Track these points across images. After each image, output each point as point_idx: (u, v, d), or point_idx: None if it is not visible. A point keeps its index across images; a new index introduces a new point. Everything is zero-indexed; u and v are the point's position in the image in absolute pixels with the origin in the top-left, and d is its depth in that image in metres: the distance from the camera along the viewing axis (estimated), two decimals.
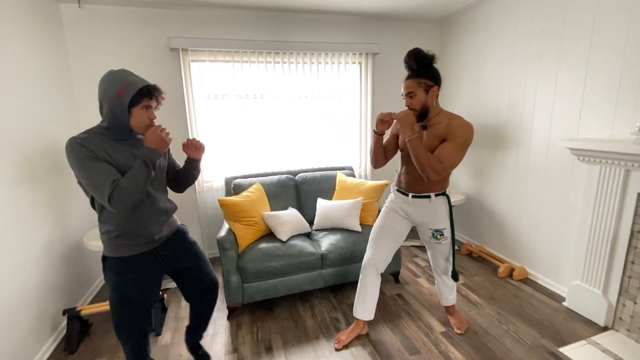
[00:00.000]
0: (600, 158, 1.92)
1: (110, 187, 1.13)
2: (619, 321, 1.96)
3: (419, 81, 1.61)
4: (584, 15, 2.06)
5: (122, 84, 1.17)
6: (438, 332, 2.02)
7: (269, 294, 2.22)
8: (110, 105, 1.18)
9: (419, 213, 1.81)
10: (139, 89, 1.18)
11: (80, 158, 1.14)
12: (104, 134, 1.22)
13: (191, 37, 2.69)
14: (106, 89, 1.18)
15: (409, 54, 1.61)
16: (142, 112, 1.23)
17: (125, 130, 1.24)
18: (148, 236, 1.34)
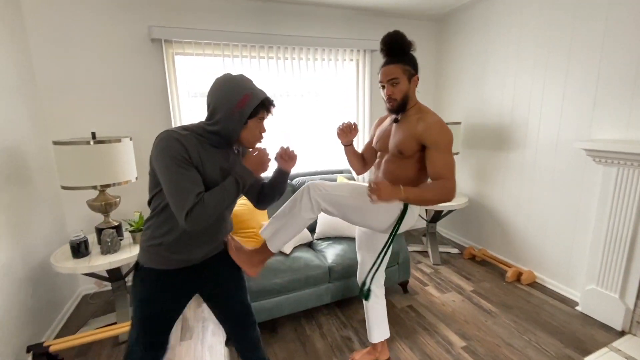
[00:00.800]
0: (618, 159, 1.87)
1: (194, 200, 0.99)
2: (636, 325, 1.92)
3: (403, 67, 1.40)
4: (596, 11, 2.02)
5: (245, 92, 1.07)
6: (459, 348, 1.89)
7: (272, 313, 2.00)
8: (228, 112, 1.06)
9: None
10: (262, 100, 1.08)
11: (171, 156, 0.99)
12: (204, 137, 1.09)
13: (175, 26, 2.40)
14: (226, 94, 1.07)
15: (390, 36, 1.41)
16: (256, 125, 1.12)
17: (231, 139, 1.12)
18: (196, 256, 1.18)
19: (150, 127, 2.48)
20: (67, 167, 1.86)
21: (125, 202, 2.39)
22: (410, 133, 1.42)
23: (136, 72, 2.39)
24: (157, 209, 1.11)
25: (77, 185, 1.88)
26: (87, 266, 1.80)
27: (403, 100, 1.44)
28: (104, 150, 1.91)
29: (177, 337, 2.04)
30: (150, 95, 2.45)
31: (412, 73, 1.44)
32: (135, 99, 2.42)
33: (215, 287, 1.28)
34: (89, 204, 2.03)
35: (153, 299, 1.15)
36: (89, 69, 2.28)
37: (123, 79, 2.37)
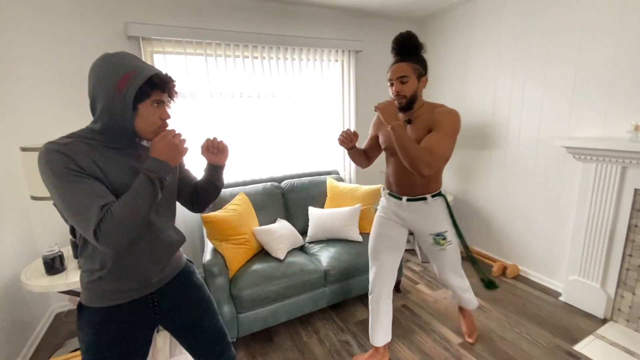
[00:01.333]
0: (597, 156, 1.97)
1: (97, 215, 0.79)
2: (617, 312, 2.03)
3: (413, 66, 1.43)
4: (572, 17, 2.12)
5: (124, 70, 0.85)
6: (456, 344, 1.91)
7: (267, 322, 1.93)
8: (108, 100, 0.85)
9: (415, 218, 1.63)
10: (149, 77, 0.86)
11: (57, 172, 0.80)
12: (95, 140, 0.88)
13: (154, 23, 2.26)
14: (101, 78, 0.85)
15: (402, 35, 1.45)
16: (151, 110, 0.90)
17: (125, 134, 0.90)
18: (144, 279, 0.99)
19: None
20: (37, 175, 1.69)
21: None
22: (427, 128, 1.45)
23: None
24: (81, 239, 0.92)
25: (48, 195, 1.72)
26: (64, 283, 1.64)
27: (411, 98, 1.46)
28: None
29: (167, 355, 1.92)
30: None
31: (421, 73, 1.46)
32: None
33: (177, 316, 1.09)
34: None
35: (103, 343, 0.95)
36: (59, 68, 2.10)
37: None
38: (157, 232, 1.00)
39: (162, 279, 1.05)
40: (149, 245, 0.98)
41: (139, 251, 0.96)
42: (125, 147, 0.94)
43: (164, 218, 1.03)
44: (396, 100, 1.46)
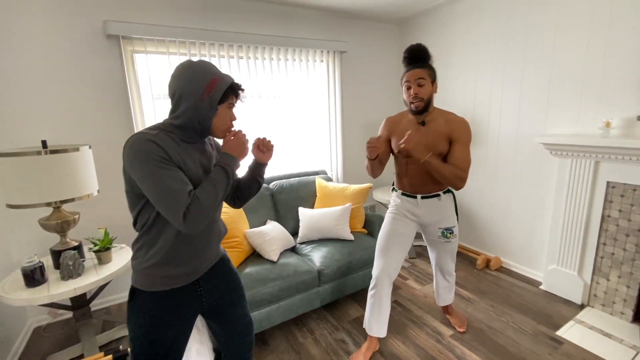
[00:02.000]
0: (572, 151, 2.09)
1: (187, 199, 0.90)
2: (594, 298, 2.16)
3: (429, 72, 1.57)
4: (547, 22, 2.24)
5: (211, 77, 0.98)
6: (448, 336, 1.97)
7: (262, 325, 1.91)
8: (194, 100, 0.97)
9: (429, 213, 1.76)
10: (231, 84, 1.00)
11: (150, 159, 0.89)
12: (173, 133, 0.99)
13: (135, 22, 2.18)
14: (189, 81, 0.97)
15: (416, 45, 1.60)
16: (226, 112, 1.04)
17: (202, 130, 1.02)
18: (195, 267, 1.09)
19: (110, 133, 2.23)
20: (12, 182, 1.59)
21: (86, 218, 2.12)
22: (442, 133, 1.60)
23: (90, 73, 2.13)
24: (146, 225, 1.01)
25: (27, 203, 1.62)
26: (46, 295, 1.55)
27: (428, 101, 1.58)
28: (59, 161, 1.67)
29: None
30: (108, 97, 2.20)
31: (434, 78, 1.60)
32: (91, 103, 2.16)
33: (218, 299, 1.19)
34: (41, 224, 1.76)
35: (157, 324, 1.04)
36: (34, 69, 1.98)
37: (75, 80, 2.09)
38: (212, 222, 1.11)
39: (209, 262, 1.15)
40: (204, 234, 1.09)
41: (196, 239, 1.06)
42: (195, 141, 1.05)
43: (218, 211, 1.15)
44: (413, 104, 1.58)
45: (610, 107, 2.00)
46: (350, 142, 3.37)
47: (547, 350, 1.82)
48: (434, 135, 1.60)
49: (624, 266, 2.00)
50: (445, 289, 2.01)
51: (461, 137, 1.58)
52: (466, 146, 1.59)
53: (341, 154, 3.23)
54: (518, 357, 1.78)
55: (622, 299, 2.03)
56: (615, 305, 2.06)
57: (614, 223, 2.01)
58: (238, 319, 1.26)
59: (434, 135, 1.60)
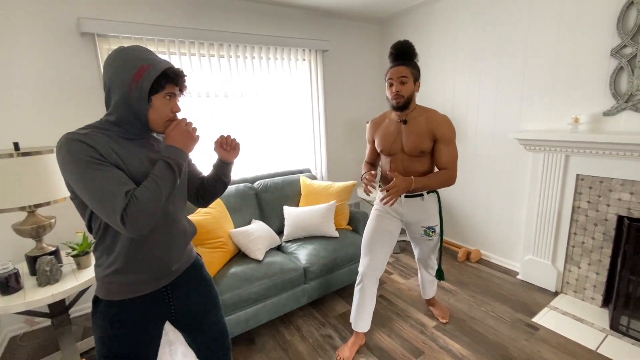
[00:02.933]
0: (544, 146, 2.19)
1: (123, 200, 0.82)
2: (566, 285, 2.28)
3: (412, 70, 1.59)
4: (519, 21, 2.33)
5: (140, 63, 0.88)
6: (431, 327, 2.03)
7: (249, 324, 1.91)
8: (124, 91, 0.87)
9: (412, 212, 1.78)
10: (164, 70, 0.89)
11: (79, 160, 0.82)
12: (111, 130, 0.91)
13: (110, 19, 2.12)
14: (118, 70, 0.87)
15: (401, 42, 1.59)
16: (164, 102, 0.93)
17: (140, 125, 0.93)
18: (160, 271, 1.01)
19: None
20: None
21: (63, 222, 2.05)
22: (423, 131, 1.62)
23: (65, 72, 2.06)
24: (100, 231, 0.93)
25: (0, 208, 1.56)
26: (23, 303, 1.50)
27: (409, 99, 1.60)
28: (33, 164, 1.62)
29: None
30: (84, 97, 2.13)
31: (417, 77, 1.61)
32: (66, 103, 2.09)
33: (187, 308, 1.11)
34: (15, 229, 1.69)
35: (120, 335, 0.97)
36: (3, 68, 1.89)
37: (49, 79, 2.02)
38: (172, 221, 1.03)
39: (175, 271, 1.06)
40: (165, 235, 1.00)
41: (156, 241, 0.98)
42: (139, 137, 0.97)
43: (178, 208, 1.06)
44: (394, 100, 1.60)
45: (578, 103, 2.11)
46: (333, 140, 3.40)
47: (524, 336, 1.91)
48: (416, 133, 1.64)
49: (593, 254, 2.11)
50: (429, 283, 2.06)
51: (445, 136, 1.61)
52: (451, 144, 1.63)
53: (325, 152, 3.25)
54: (497, 344, 1.86)
55: (592, 285, 2.14)
56: (586, 291, 2.18)
57: (584, 214, 2.12)
58: (212, 325, 1.18)
59: (416, 134, 1.64)
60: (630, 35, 1.83)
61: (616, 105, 1.94)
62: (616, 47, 1.89)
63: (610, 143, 1.87)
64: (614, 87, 1.93)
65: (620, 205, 1.96)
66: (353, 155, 3.58)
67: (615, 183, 1.96)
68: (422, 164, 1.69)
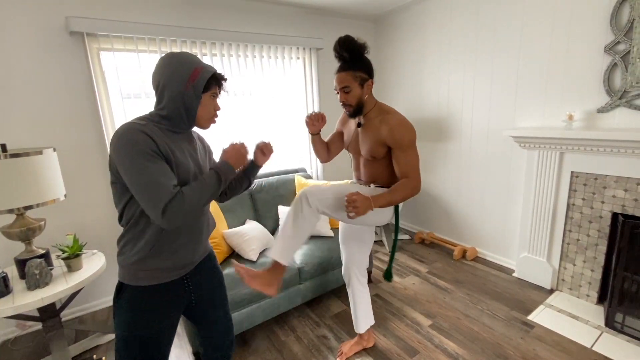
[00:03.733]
0: (539, 144, 2.19)
1: (171, 193, 0.90)
2: (562, 282, 2.28)
3: (354, 74, 1.41)
4: (513, 19, 2.32)
5: (194, 66, 1.00)
6: (427, 326, 2.02)
7: (243, 326, 1.89)
8: (178, 90, 0.98)
9: None
10: (213, 73, 1.03)
11: (138, 150, 0.89)
12: (161, 124, 1.01)
13: (100, 18, 2.09)
14: (173, 71, 0.98)
15: (339, 42, 1.39)
16: (210, 101, 1.06)
17: (188, 120, 1.03)
18: (186, 260, 1.09)
19: (77, 134, 2.13)
20: None
21: (53, 224, 2.02)
22: (376, 138, 1.46)
23: (53, 72, 2.02)
24: (132, 219, 1.00)
25: None
26: (11, 307, 1.47)
27: (358, 106, 1.46)
28: (21, 165, 1.59)
29: None
30: (74, 98, 2.10)
31: (364, 78, 1.42)
32: (55, 103, 2.06)
33: (203, 296, 1.20)
34: (4, 232, 1.66)
35: (140, 320, 1.04)
36: None
37: (37, 80, 1.99)
38: (203, 216, 1.12)
39: (197, 256, 1.14)
40: (191, 228, 1.08)
41: (187, 232, 1.06)
42: (183, 132, 1.07)
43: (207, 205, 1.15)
44: (344, 108, 1.49)
45: (572, 100, 2.10)
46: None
47: (519, 334, 1.91)
48: (369, 138, 1.49)
49: (588, 251, 2.11)
50: None
51: (399, 142, 1.42)
52: (408, 149, 1.43)
53: None
54: (492, 343, 1.85)
55: (588, 282, 2.14)
56: (581, 288, 2.18)
57: (578, 211, 2.12)
58: (220, 319, 1.27)
59: (369, 139, 1.49)
60: (624, 31, 1.82)
61: (610, 101, 1.93)
62: (610, 43, 1.88)
63: (604, 140, 1.86)
64: (608, 84, 1.92)
65: (614, 202, 1.96)
66: (347, 154, 3.56)
67: (610, 180, 1.96)
68: (381, 168, 1.54)
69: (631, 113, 1.88)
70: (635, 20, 1.78)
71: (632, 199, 1.88)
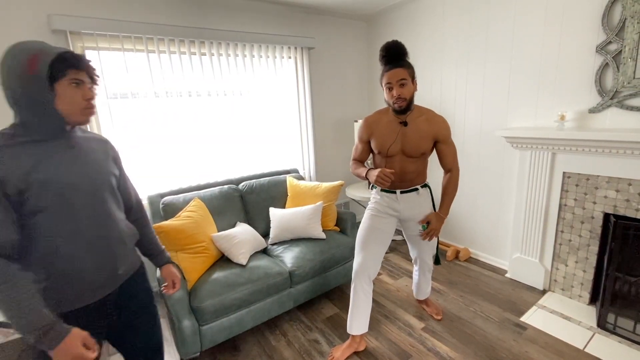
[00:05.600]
0: (531, 144, 2.17)
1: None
2: (554, 283, 2.27)
3: (409, 71, 1.56)
4: (506, 18, 2.30)
5: (32, 52, 0.82)
6: (419, 329, 2.00)
7: (233, 331, 1.85)
8: (22, 84, 0.81)
9: (408, 208, 1.78)
10: (59, 53, 0.84)
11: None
12: (21, 136, 0.84)
13: (84, 16, 2.03)
14: (11, 65, 0.81)
15: (393, 43, 1.55)
16: (71, 90, 0.87)
17: (48, 121, 0.86)
18: (98, 280, 0.96)
19: None
20: None
21: None
22: (425, 133, 1.64)
23: None
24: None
25: None
26: None
27: (410, 100, 1.58)
28: None
29: None
30: None
31: (414, 76, 1.59)
32: None
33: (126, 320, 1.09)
34: None
35: None
36: None
37: None
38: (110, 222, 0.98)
39: (122, 275, 1.03)
40: (102, 238, 0.96)
41: (91, 245, 0.93)
42: (53, 138, 0.89)
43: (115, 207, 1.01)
44: (396, 104, 1.57)
45: (564, 100, 2.09)
46: (321, 139, 3.35)
47: (512, 336, 1.89)
48: (417, 135, 1.64)
49: (580, 252, 2.11)
50: (425, 283, 2.07)
51: (446, 137, 1.68)
52: (451, 143, 1.72)
53: (313, 152, 3.20)
54: (485, 345, 1.84)
55: (580, 283, 2.14)
56: (573, 289, 2.17)
57: (570, 211, 2.11)
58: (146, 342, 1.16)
59: (417, 135, 1.64)
60: (615, 31, 1.81)
61: (602, 102, 1.92)
62: (601, 43, 1.87)
63: (596, 140, 1.85)
64: (600, 84, 1.92)
65: (606, 203, 1.95)
66: (341, 154, 3.54)
67: (602, 180, 1.95)
68: (418, 164, 1.72)
69: (623, 113, 1.87)
70: (627, 20, 1.77)
71: (624, 200, 1.88)
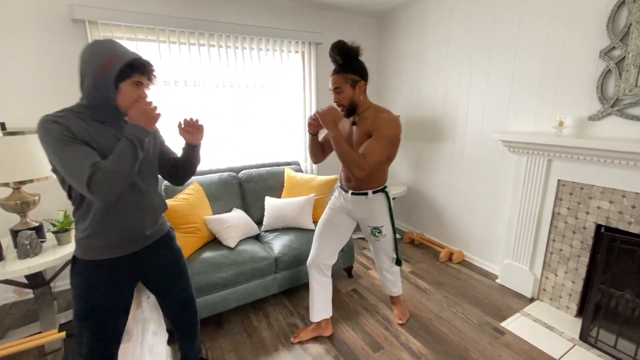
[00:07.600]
0: (527, 149, 2.13)
1: (89, 170, 0.94)
2: (543, 292, 2.23)
3: (346, 77, 1.54)
4: (511, 21, 2.25)
5: (108, 55, 1.00)
6: (396, 325, 2.04)
7: (217, 308, 1.97)
8: (94, 79, 1.00)
9: (357, 210, 1.79)
10: (129, 61, 1.01)
11: (54, 138, 0.95)
12: (83, 114, 1.03)
13: (102, 6, 2.19)
14: (89, 60, 1.00)
15: (332, 48, 1.53)
16: (131, 90, 1.05)
17: (109, 109, 1.05)
18: (128, 237, 1.16)
19: None
20: None
21: (47, 200, 2.17)
22: (366, 133, 1.58)
23: (55, 57, 2.15)
24: (77, 199, 1.08)
25: None
26: (0, 273, 1.61)
27: (350, 106, 1.59)
28: (18, 143, 1.72)
29: None
30: (73, 83, 2.22)
31: (355, 80, 1.55)
32: (55, 87, 2.18)
33: (157, 274, 1.30)
34: (1, 204, 1.81)
35: (92, 290, 1.12)
36: None
37: (39, 64, 2.12)
38: (141, 194, 1.16)
39: (150, 236, 1.22)
40: (133, 206, 1.14)
41: (124, 210, 1.11)
42: (110, 120, 1.07)
43: (147, 183, 1.19)
44: (338, 108, 1.59)
45: (564, 105, 2.03)
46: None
47: (488, 340, 1.90)
48: (362, 134, 1.61)
49: (571, 262, 2.06)
50: (388, 282, 2.03)
51: (378, 131, 1.52)
52: (379, 141, 1.51)
53: None
54: (459, 345, 1.85)
55: (568, 294, 2.09)
56: (561, 299, 2.13)
57: (563, 220, 2.07)
58: (177, 293, 1.38)
59: (362, 135, 1.61)
60: (620, 36, 1.74)
61: (602, 109, 1.86)
62: (605, 48, 1.81)
63: (592, 149, 1.80)
64: (601, 91, 1.85)
65: (599, 214, 1.89)
66: None
67: (596, 190, 1.90)
68: None
69: (623, 122, 1.81)
70: (632, 25, 1.70)
71: (617, 211, 1.82)
